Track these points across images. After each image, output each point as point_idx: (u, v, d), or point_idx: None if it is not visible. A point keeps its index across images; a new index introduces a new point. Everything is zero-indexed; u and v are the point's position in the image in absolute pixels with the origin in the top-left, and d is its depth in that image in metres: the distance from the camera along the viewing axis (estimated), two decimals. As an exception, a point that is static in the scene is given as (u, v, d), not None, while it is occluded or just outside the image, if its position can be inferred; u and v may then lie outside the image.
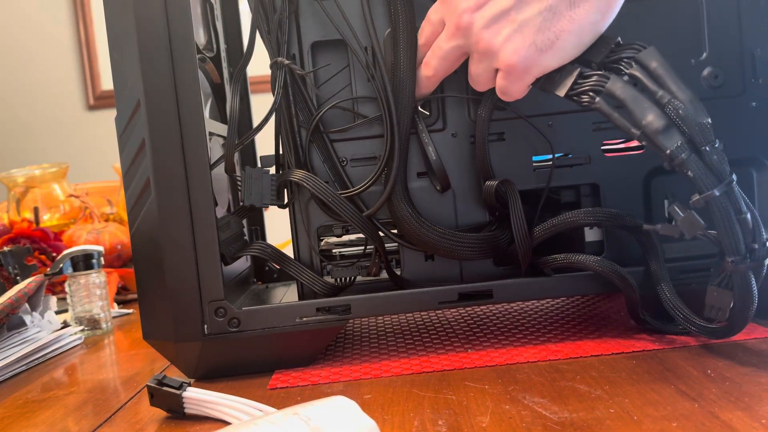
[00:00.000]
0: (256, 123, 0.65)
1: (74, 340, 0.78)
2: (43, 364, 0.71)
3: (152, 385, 0.49)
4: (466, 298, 0.57)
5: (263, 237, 0.81)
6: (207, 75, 0.67)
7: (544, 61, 0.48)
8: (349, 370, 0.56)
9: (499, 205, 0.57)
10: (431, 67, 0.54)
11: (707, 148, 0.45)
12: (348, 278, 0.61)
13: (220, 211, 0.61)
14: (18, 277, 0.95)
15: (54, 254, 1.11)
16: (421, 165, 0.59)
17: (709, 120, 0.45)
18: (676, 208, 0.47)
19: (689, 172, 0.45)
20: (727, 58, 0.58)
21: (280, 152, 0.60)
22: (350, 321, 0.66)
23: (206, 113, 0.61)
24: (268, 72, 0.57)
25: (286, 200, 0.60)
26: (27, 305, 0.76)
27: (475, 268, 0.59)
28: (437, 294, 0.56)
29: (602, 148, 0.59)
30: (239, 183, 0.58)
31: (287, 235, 0.64)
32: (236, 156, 0.65)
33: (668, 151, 0.45)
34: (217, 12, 0.70)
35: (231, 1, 0.77)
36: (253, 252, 0.59)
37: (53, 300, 0.85)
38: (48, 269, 0.84)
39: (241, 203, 0.59)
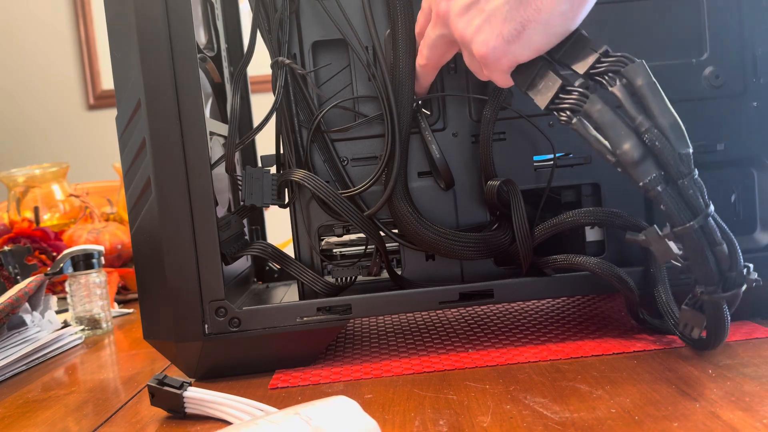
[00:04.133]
0: (256, 123, 0.65)
1: (74, 340, 0.78)
2: (43, 364, 0.71)
3: (153, 384, 0.49)
4: (467, 297, 0.57)
5: (264, 237, 0.81)
6: (207, 74, 0.67)
7: (513, 52, 0.46)
8: (350, 370, 0.56)
9: (501, 204, 0.57)
10: (423, 56, 0.54)
11: (684, 181, 0.43)
12: (349, 278, 0.61)
13: (221, 211, 0.61)
14: (18, 277, 0.95)
15: (54, 254, 1.11)
16: (422, 164, 0.59)
17: (690, 149, 0.43)
18: (653, 232, 0.45)
19: (662, 206, 0.43)
20: (728, 58, 0.58)
21: (281, 152, 0.60)
22: (351, 321, 0.66)
23: (207, 113, 0.61)
24: (269, 72, 0.57)
25: (286, 200, 0.59)
26: (27, 305, 0.76)
27: (475, 268, 0.59)
28: (438, 294, 0.56)
29: (603, 147, 0.59)
30: (240, 183, 0.58)
31: (288, 234, 0.64)
32: (237, 155, 0.65)
33: (641, 183, 0.43)
34: (218, 11, 0.70)
35: (232, 0, 0.77)
36: (254, 252, 0.59)
37: (53, 299, 0.85)
38: (48, 269, 0.84)
39: (241, 203, 0.59)
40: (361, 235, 0.60)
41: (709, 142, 0.59)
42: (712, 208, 0.43)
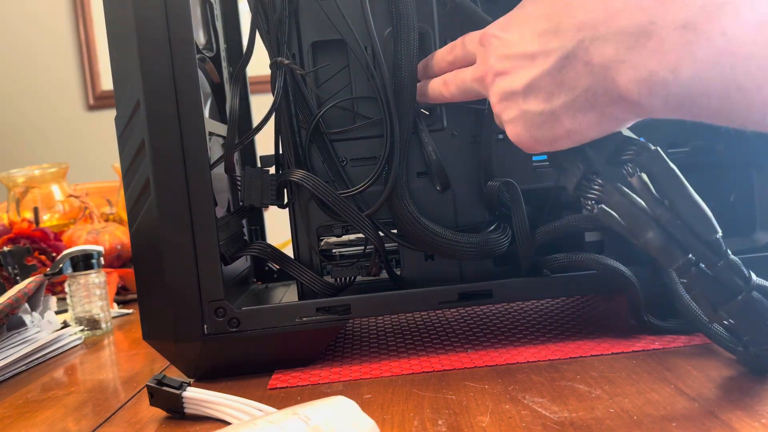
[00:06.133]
0: (256, 123, 0.65)
1: (74, 340, 0.78)
2: (43, 364, 0.71)
3: (152, 385, 0.49)
4: (466, 297, 0.57)
5: (263, 237, 0.81)
6: (207, 75, 0.67)
7: (542, 149, 0.46)
8: (349, 370, 0.56)
9: (501, 205, 0.57)
10: (449, 91, 0.53)
11: (716, 268, 0.41)
12: (348, 278, 0.61)
13: (220, 211, 0.61)
14: (18, 277, 0.95)
15: (54, 254, 1.11)
16: (421, 164, 0.59)
17: (719, 234, 0.40)
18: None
19: (696, 290, 0.42)
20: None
21: (280, 152, 0.60)
22: (350, 321, 0.66)
23: (206, 113, 0.61)
24: (268, 72, 0.57)
25: (286, 200, 0.59)
26: (27, 305, 0.76)
27: (475, 268, 0.59)
28: (437, 294, 0.56)
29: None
30: (239, 183, 0.58)
31: (287, 235, 0.64)
32: (236, 156, 0.65)
33: (671, 270, 0.42)
34: (217, 11, 0.70)
35: (231, 0, 0.77)
36: (253, 252, 0.59)
37: (53, 300, 0.85)
38: (48, 269, 0.84)
39: (240, 203, 0.59)
40: (361, 235, 0.60)
41: (709, 143, 0.59)
42: (754, 279, 0.41)
